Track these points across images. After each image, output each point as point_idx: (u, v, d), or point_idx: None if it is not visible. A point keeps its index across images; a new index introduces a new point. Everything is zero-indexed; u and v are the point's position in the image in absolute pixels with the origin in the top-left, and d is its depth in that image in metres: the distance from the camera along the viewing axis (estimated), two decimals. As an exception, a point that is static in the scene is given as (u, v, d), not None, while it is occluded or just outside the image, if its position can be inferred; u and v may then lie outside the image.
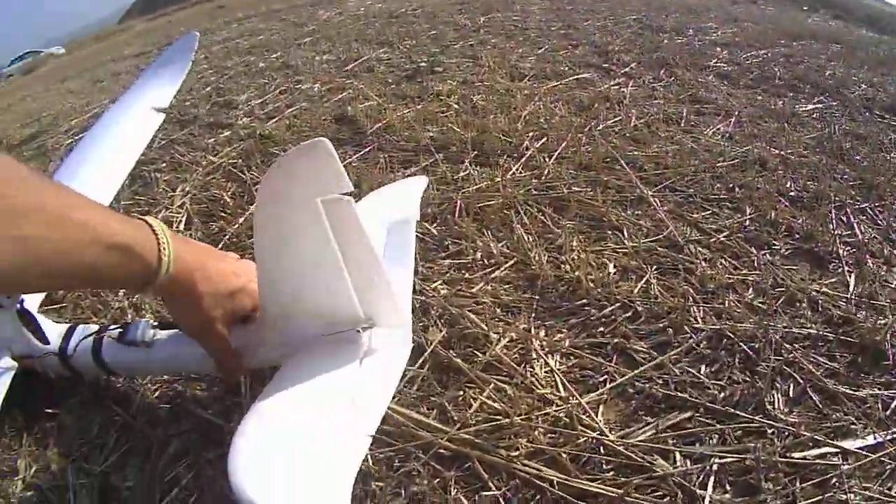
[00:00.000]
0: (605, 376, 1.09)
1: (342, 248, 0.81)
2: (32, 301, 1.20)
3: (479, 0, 4.58)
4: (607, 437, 0.97)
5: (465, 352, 1.15)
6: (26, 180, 0.67)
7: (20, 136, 3.04)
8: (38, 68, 15.13)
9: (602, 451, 0.96)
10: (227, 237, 1.61)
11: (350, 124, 2.25)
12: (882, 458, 0.94)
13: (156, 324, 1.07)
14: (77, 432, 1.10)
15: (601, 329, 1.19)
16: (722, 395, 1.03)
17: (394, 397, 1.01)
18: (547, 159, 1.81)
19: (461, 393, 1.07)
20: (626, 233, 1.47)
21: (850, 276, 1.32)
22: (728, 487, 0.91)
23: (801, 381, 1.05)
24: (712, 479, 0.91)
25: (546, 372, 1.10)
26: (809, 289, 1.26)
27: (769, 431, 0.98)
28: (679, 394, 1.04)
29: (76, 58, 11.98)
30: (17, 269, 0.65)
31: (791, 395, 1.04)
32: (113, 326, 1.08)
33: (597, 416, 1.01)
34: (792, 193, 1.59)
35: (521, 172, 1.76)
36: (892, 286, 1.30)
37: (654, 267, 1.34)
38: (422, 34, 3.68)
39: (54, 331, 1.11)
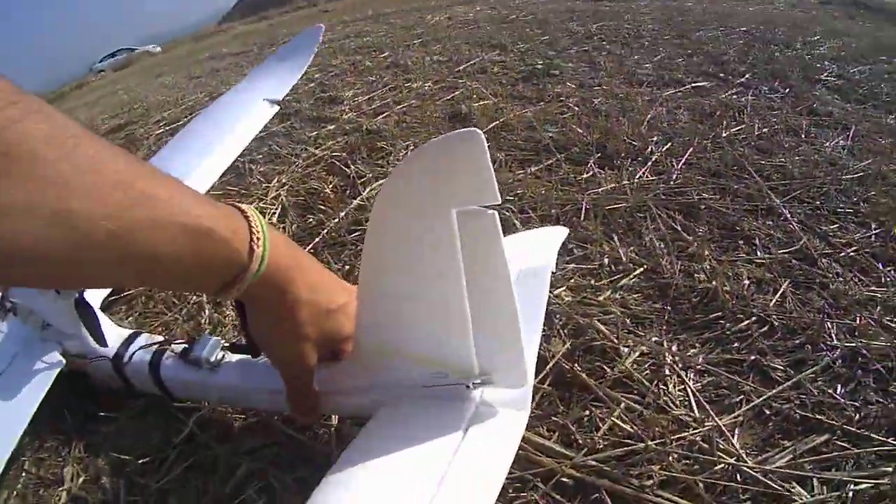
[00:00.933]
0: (742, 396, 0.98)
1: (470, 277, 0.63)
2: (95, 296, 1.10)
3: (591, 9, 4.42)
4: (745, 462, 0.87)
5: (591, 366, 1.04)
6: (79, 140, 0.49)
7: (108, 126, 2.97)
8: (132, 65, 14.16)
9: (739, 478, 0.86)
10: (326, 231, 1.52)
11: (464, 122, 2.15)
12: None
13: (227, 344, 0.93)
14: (134, 442, 0.99)
15: (736, 344, 1.08)
16: (857, 416, 0.93)
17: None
18: (674, 164, 1.70)
19: (587, 413, 0.96)
20: (759, 243, 1.35)
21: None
22: None
23: (932, 404, 0.94)
24: None
25: (680, 390, 1.00)
26: (936, 310, 1.13)
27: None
28: (816, 416, 0.94)
29: (172, 56, 10.98)
30: (61, 253, 0.48)
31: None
32: (179, 341, 0.97)
33: (733, 440, 0.91)
34: (914, 209, 1.45)
35: (647, 176, 1.66)
36: None
37: (789, 280, 1.22)
38: (534, 38, 3.54)
39: (114, 333, 1.00)
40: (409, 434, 0.68)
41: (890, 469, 0.84)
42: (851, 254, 1.30)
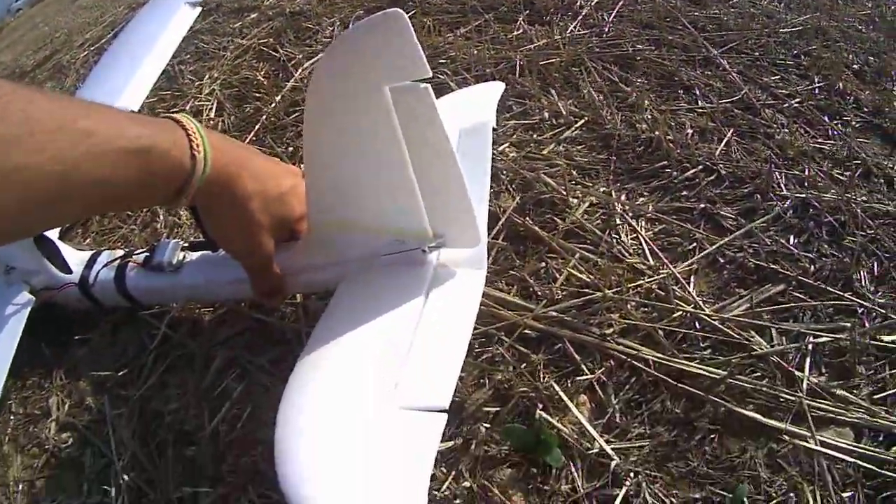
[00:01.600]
0: (694, 244, 0.97)
1: (412, 148, 0.65)
2: None
3: None
4: (703, 311, 0.85)
5: (542, 219, 1.03)
6: (10, 97, 0.49)
7: (34, 61, 2.83)
8: None
9: (697, 326, 0.85)
10: (265, 117, 1.46)
11: (387, -8, 2.05)
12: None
13: (186, 244, 0.93)
14: (111, 357, 0.98)
15: (685, 193, 1.06)
16: (812, 268, 0.92)
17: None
18: (606, 17, 1.63)
19: (543, 265, 0.95)
20: (698, 93, 1.32)
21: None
22: (824, 370, 0.81)
23: (885, 261, 0.94)
24: (809, 359, 0.81)
25: (633, 239, 0.98)
26: (883, 164, 1.13)
27: (860, 311, 0.87)
28: (771, 265, 0.92)
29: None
30: (14, 209, 0.50)
31: (876, 273, 0.92)
32: (139, 251, 0.95)
33: (689, 288, 0.89)
34: (855, 66, 1.43)
35: (579, 30, 1.59)
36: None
37: (733, 129, 1.20)
38: None
39: (75, 258, 0.98)
40: (373, 305, 0.71)
41: (848, 325, 0.84)
42: (796, 105, 1.28)
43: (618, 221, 1.01)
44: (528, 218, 1.02)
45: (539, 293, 0.91)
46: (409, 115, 0.63)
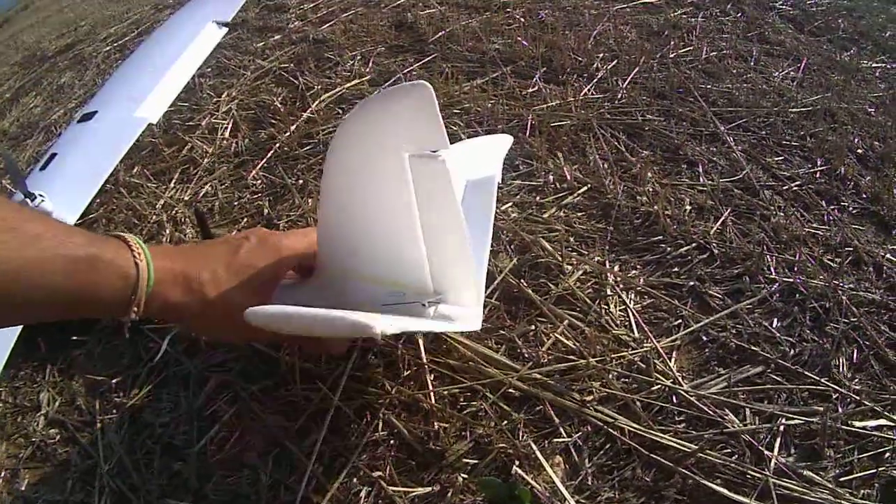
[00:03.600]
0: (680, 321, 1.02)
1: (424, 211, 0.71)
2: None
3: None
4: (681, 386, 0.91)
5: (536, 282, 1.08)
6: None
7: (56, 47, 2.90)
8: None
9: (675, 400, 0.90)
10: (278, 145, 1.53)
11: (410, 31, 2.11)
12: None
13: None
14: (106, 362, 1.03)
15: (676, 269, 1.12)
16: (792, 352, 0.97)
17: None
18: (620, 82, 1.70)
19: (532, 328, 1.00)
20: (701, 169, 1.37)
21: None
22: (793, 450, 0.85)
23: (865, 349, 0.99)
24: (779, 440, 0.85)
25: (621, 310, 1.04)
26: (875, 252, 1.18)
27: (834, 396, 0.92)
28: (751, 347, 0.98)
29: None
30: None
31: (855, 360, 0.97)
32: None
33: (670, 363, 0.95)
34: (859, 151, 1.49)
35: (592, 94, 1.66)
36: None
37: (730, 209, 1.25)
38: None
39: None
40: None
41: (821, 409, 0.89)
42: (795, 188, 1.33)
43: (608, 292, 1.06)
44: (522, 280, 1.08)
45: (526, 354, 0.96)
46: (425, 179, 0.69)
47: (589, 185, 1.31)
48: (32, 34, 3.52)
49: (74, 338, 1.07)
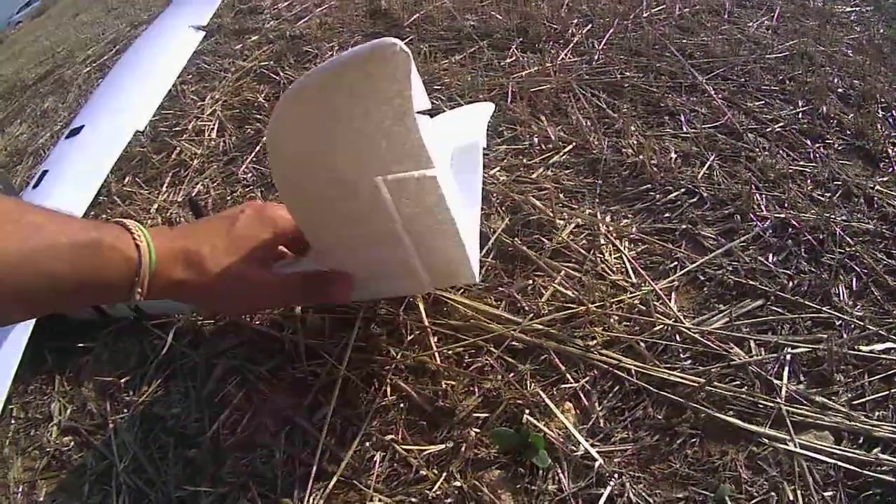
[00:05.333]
0: (676, 262, 1.03)
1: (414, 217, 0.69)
2: None
3: None
4: (683, 324, 0.91)
5: (530, 239, 1.09)
6: None
7: (35, 75, 2.89)
8: (48, 10, 14.09)
9: (678, 338, 0.91)
10: (265, 139, 1.51)
11: (385, 18, 2.11)
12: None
13: None
14: (113, 365, 1.03)
15: (667, 214, 1.13)
16: (791, 284, 0.98)
17: (460, 290, 0.98)
18: (596, 45, 1.71)
19: (530, 282, 1.01)
20: (683, 118, 1.38)
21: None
22: (802, 378, 0.86)
23: (863, 276, 0.99)
24: (787, 369, 0.86)
25: (616, 258, 1.04)
26: (864, 185, 1.18)
27: (837, 323, 0.92)
28: (749, 282, 0.98)
29: (88, -9, 10.74)
30: None
31: (854, 288, 0.98)
32: None
33: (670, 303, 0.96)
34: (840, 90, 1.49)
35: (570, 58, 1.66)
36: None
37: (715, 154, 1.26)
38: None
39: None
40: None
41: (825, 336, 0.89)
42: (778, 129, 1.34)
43: (602, 242, 1.07)
44: (516, 238, 1.08)
45: (526, 308, 0.96)
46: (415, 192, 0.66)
47: (574, 143, 1.31)
48: (10, 66, 3.51)
49: (81, 345, 1.07)
